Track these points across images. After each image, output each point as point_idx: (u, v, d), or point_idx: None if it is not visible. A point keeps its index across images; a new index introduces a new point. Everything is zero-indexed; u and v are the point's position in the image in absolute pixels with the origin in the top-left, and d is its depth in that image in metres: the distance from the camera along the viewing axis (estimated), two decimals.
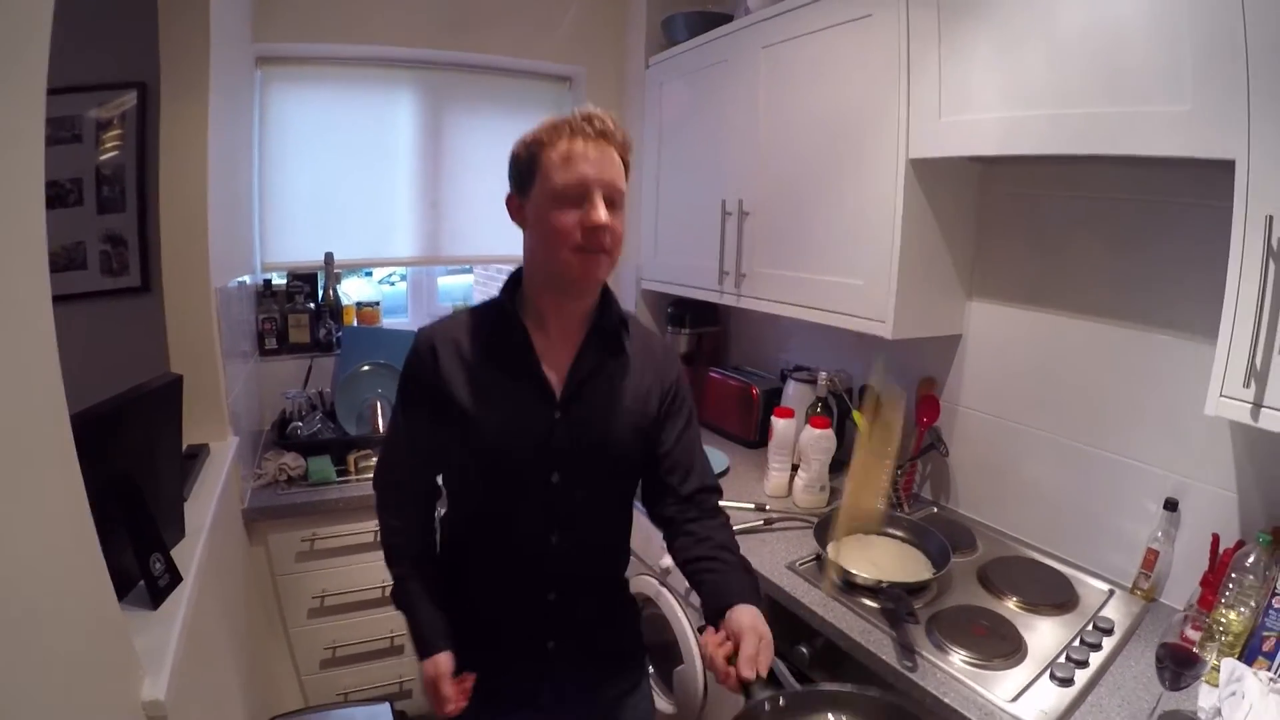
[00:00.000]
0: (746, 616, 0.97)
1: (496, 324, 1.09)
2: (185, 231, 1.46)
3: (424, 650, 1.12)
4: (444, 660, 1.10)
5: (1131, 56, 1.09)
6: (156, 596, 0.98)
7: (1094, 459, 1.47)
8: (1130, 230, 1.38)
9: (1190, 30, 1.01)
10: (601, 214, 0.98)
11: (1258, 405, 0.99)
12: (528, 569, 1.11)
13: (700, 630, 1.02)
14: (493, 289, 1.33)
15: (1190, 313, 1.28)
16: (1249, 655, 1.12)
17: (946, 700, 1.10)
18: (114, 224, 1.82)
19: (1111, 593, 1.40)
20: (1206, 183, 1.22)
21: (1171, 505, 1.33)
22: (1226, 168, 0.99)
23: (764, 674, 0.92)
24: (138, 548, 0.98)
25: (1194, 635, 1.20)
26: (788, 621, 1.40)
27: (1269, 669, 1.07)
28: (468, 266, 3.25)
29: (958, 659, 1.18)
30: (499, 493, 1.09)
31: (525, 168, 1.04)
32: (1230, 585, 1.17)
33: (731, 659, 0.91)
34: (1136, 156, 1.12)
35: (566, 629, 1.15)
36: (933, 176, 1.49)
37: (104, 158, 1.78)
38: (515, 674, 1.15)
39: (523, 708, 1.17)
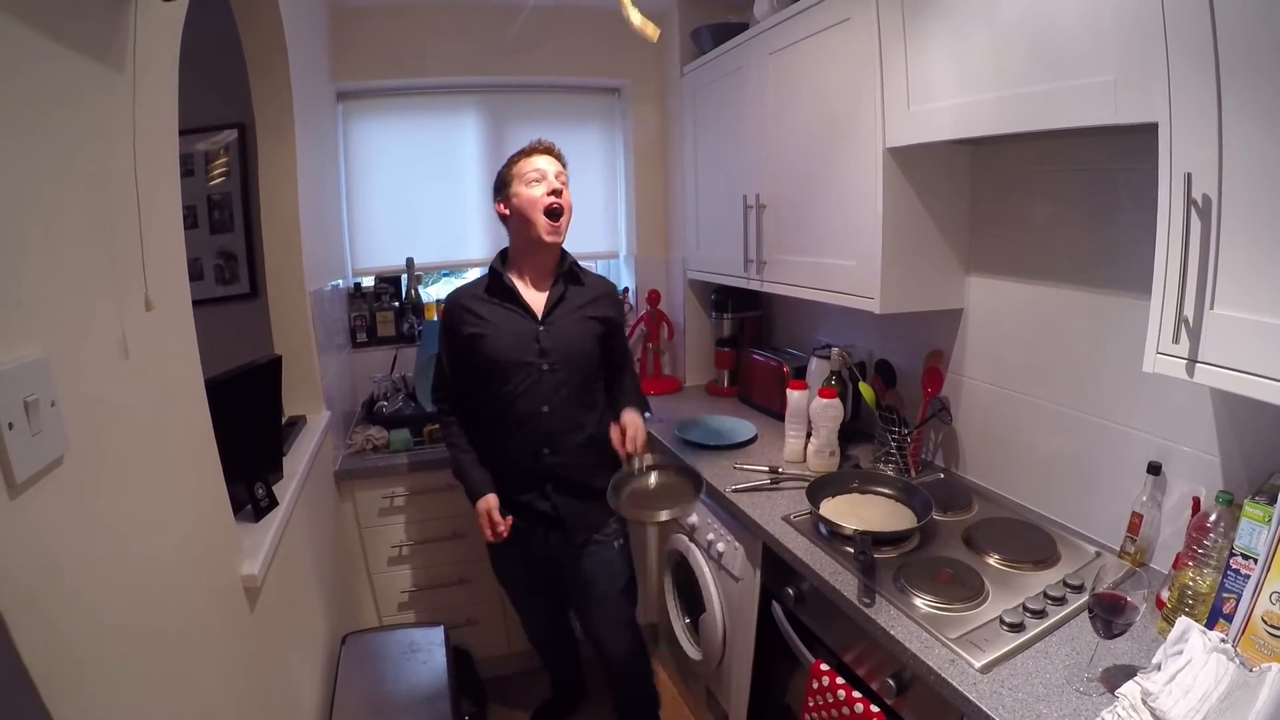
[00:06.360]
0: (628, 414, 1.75)
1: (492, 280, 1.72)
2: (282, 246, 1.80)
3: (476, 495, 1.71)
4: (491, 498, 1.71)
5: (1061, 36, 1.16)
6: (259, 514, 1.33)
7: (1084, 425, 1.50)
8: (1102, 200, 1.42)
9: (1112, 5, 1.06)
10: (555, 183, 1.63)
11: (1192, 361, 0.99)
12: (530, 433, 1.69)
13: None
14: None
15: None
16: (1212, 617, 1.11)
17: (893, 633, 1.21)
18: (225, 242, 2.25)
19: (1098, 555, 1.42)
20: (1153, 149, 1.25)
21: (1155, 469, 1.34)
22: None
23: (636, 450, 1.71)
24: (247, 478, 1.32)
25: (1166, 597, 1.23)
26: (779, 565, 1.56)
27: (1227, 631, 1.05)
28: None
29: (918, 601, 1.28)
30: (509, 380, 1.67)
31: (502, 179, 1.69)
32: (1197, 548, 1.17)
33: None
34: (1078, 129, 1.17)
35: (558, 478, 1.73)
36: (914, 162, 1.58)
37: (213, 184, 2.19)
38: (522, 512, 1.73)
39: (531, 536, 1.75)
